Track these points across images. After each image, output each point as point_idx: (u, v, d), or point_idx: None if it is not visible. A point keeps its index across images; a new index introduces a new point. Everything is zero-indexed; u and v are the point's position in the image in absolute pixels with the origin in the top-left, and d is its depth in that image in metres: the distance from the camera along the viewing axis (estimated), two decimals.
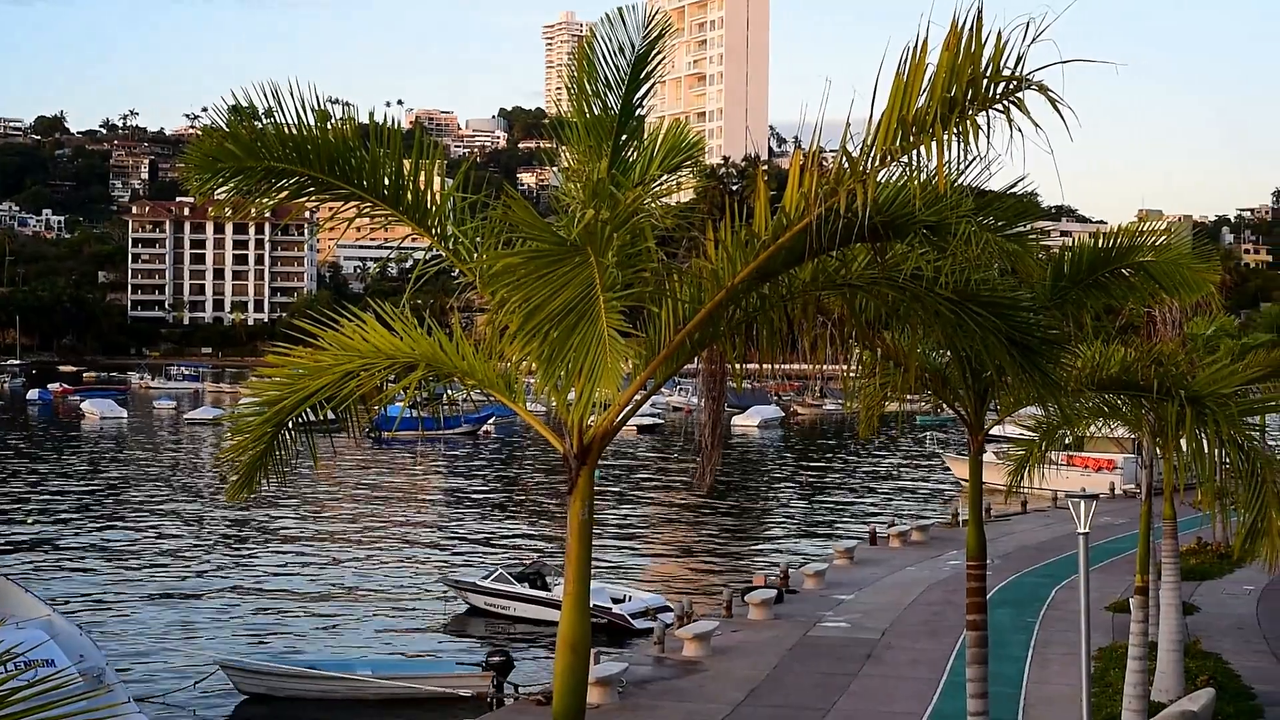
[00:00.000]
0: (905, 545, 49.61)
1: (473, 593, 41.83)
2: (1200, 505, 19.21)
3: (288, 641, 38.46)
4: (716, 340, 12.54)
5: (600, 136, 12.55)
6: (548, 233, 10.78)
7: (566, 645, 11.45)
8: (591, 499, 11.56)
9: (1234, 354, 30.46)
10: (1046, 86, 10.28)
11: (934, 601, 38.52)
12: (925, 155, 10.65)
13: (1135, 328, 31.65)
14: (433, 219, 12.38)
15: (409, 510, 68.27)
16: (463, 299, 12.71)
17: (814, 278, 12.47)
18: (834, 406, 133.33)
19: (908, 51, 10.43)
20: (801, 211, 11.10)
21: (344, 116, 12.14)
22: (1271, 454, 17.75)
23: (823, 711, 27.26)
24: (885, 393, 19.05)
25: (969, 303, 12.62)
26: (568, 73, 13.09)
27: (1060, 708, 26.61)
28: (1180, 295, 19.97)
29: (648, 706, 27.64)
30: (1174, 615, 27.32)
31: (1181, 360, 20.14)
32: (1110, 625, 33.85)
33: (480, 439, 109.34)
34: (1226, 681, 28.04)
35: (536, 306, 10.64)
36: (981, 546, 17.95)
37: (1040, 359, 13.69)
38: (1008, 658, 30.46)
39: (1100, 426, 23.17)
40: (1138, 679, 22.70)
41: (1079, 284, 17.70)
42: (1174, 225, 22.36)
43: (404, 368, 12.27)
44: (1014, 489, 22.76)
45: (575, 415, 11.29)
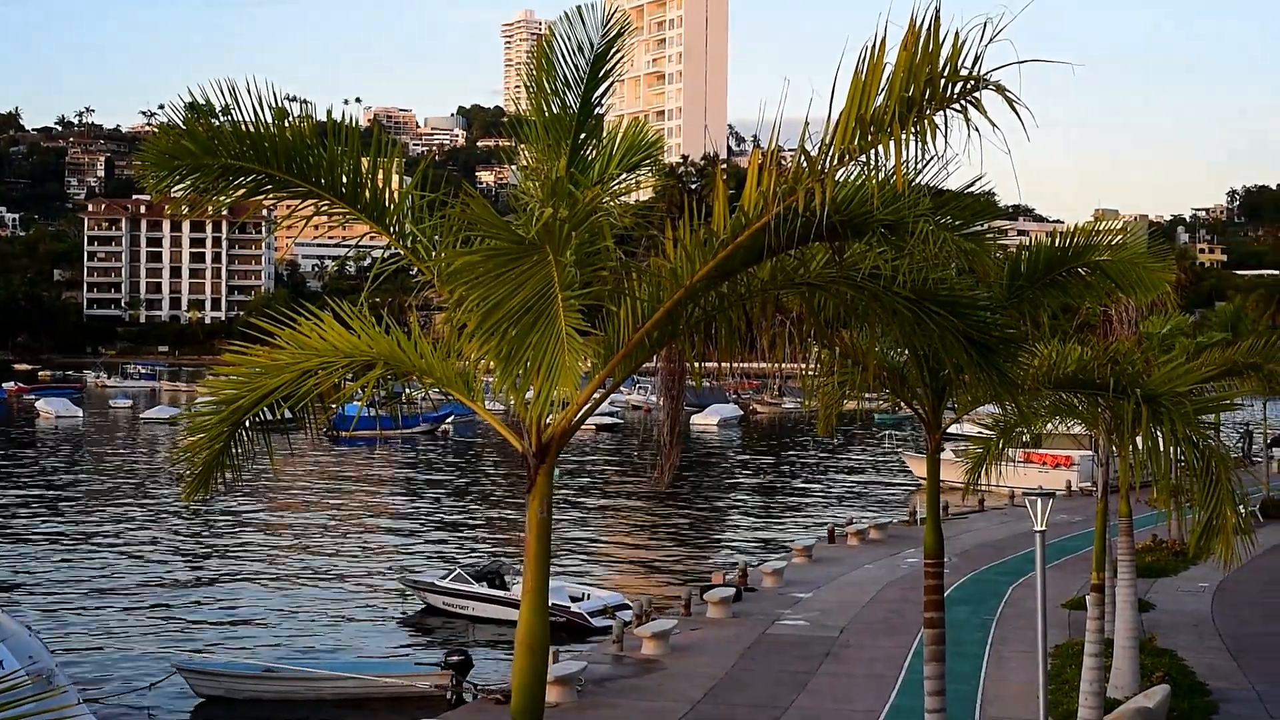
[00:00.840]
0: (864, 543, 49.74)
1: (431, 592, 41.73)
2: (1156, 503, 19.33)
3: (245, 643, 38.25)
4: (675, 339, 12.54)
5: (559, 135, 12.54)
6: (506, 231, 10.76)
7: (525, 644, 11.42)
8: (550, 498, 11.54)
9: (1189, 353, 30.62)
10: (1004, 86, 10.32)
11: (892, 599, 38.64)
12: (883, 154, 10.67)
13: (1092, 327, 31.76)
14: (391, 217, 12.33)
15: (367, 510, 68.03)
16: (421, 297, 12.66)
17: (772, 276, 12.48)
18: (793, 405, 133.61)
19: (866, 51, 10.45)
20: (760, 210, 11.11)
21: (302, 114, 12.08)
22: (1226, 452, 17.87)
23: (781, 709, 27.31)
24: (844, 391, 19.09)
25: (927, 301, 12.66)
26: (527, 71, 13.09)
27: (1017, 705, 26.73)
28: (1136, 294, 20.05)
29: (607, 705, 27.64)
30: (1130, 612, 27.48)
31: (1137, 359, 20.27)
32: (1067, 622, 34.03)
33: (439, 438, 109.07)
34: (1181, 678, 28.23)
35: (495, 305, 10.61)
36: (939, 545, 18.03)
37: (997, 357, 13.74)
38: (965, 655, 30.58)
39: (1057, 424, 23.28)
40: (1094, 676, 22.83)
41: (1036, 283, 17.77)
42: (1130, 225, 22.51)
43: (362, 366, 12.22)
44: (971, 487, 22.85)
45: (533, 414, 11.27)
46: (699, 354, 13.01)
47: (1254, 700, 27.82)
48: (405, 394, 13.23)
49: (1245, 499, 17.60)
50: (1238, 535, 16.87)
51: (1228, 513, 16.75)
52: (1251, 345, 30.52)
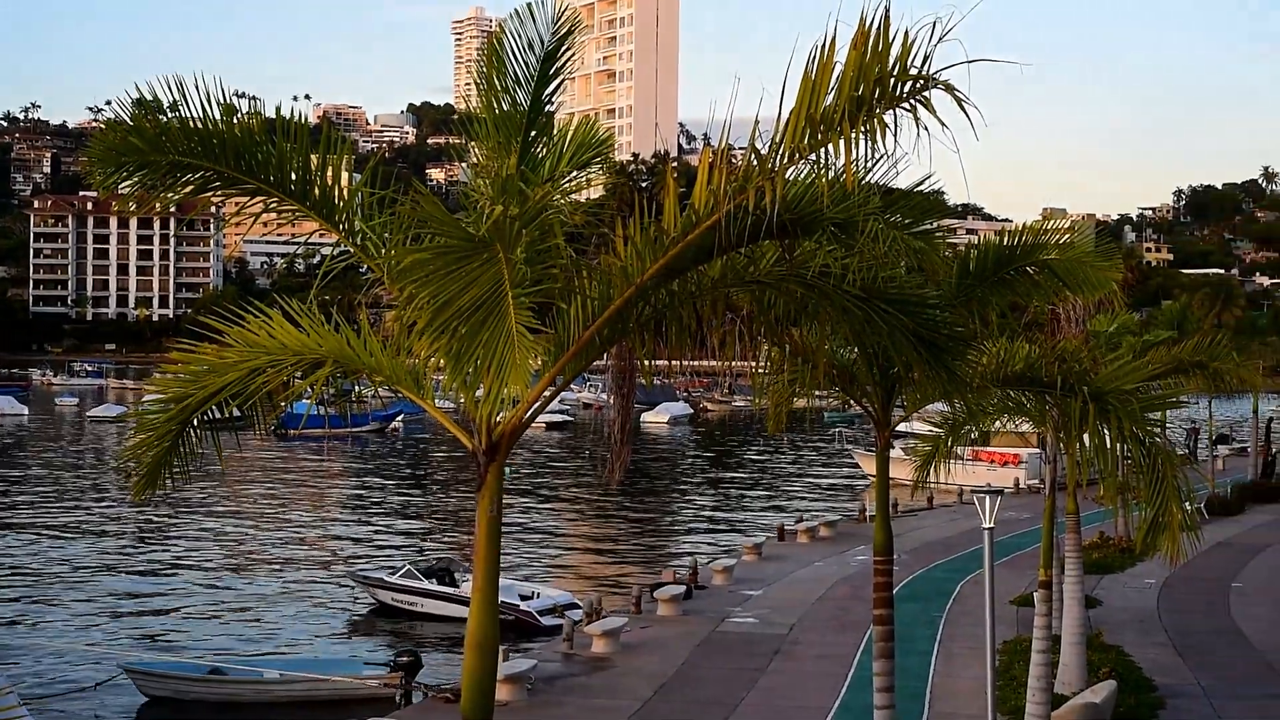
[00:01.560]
0: (813, 541, 49.88)
1: (380, 589, 41.59)
2: (1103, 500, 19.47)
3: (193, 643, 38.02)
4: (625, 337, 12.54)
5: (509, 133, 12.52)
6: (456, 228, 10.73)
7: (475, 643, 11.40)
8: (500, 496, 11.52)
9: (1136, 351, 30.83)
10: (953, 85, 10.37)
11: (841, 597, 38.77)
12: (833, 153, 10.70)
13: (1040, 325, 31.93)
14: (340, 214, 12.28)
15: (316, 508, 67.77)
16: (371, 295, 12.62)
17: (723, 274, 12.50)
18: (743, 403, 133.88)
19: (816, 50, 10.47)
20: (710, 208, 11.12)
21: (251, 111, 12.01)
22: (1172, 449, 18.00)
23: (731, 707, 27.36)
24: (794, 389, 19.13)
25: (876, 300, 12.71)
26: (477, 68, 13.06)
27: (965, 701, 26.87)
28: (1083, 293, 20.20)
29: (556, 703, 27.62)
30: (1077, 609, 27.66)
31: (1085, 357, 20.38)
32: (1015, 619, 34.22)
33: (388, 436, 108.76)
34: (1128, 673, 28.43)
35: (445, 302, 10.58)
36: (888, 542, 18.10)
37: (946, 355, 13.80)
38: (914, 652, 30.71)
39: (1005, 422, 23.40)
40: (1041, 672, 22.95)
41: (985, 281, 17.86)
42: (1077, 224, 22.61)
43: (311, 364, 12.16)
44: (920, 484, 22.95)
45: (483, 412, 11.25)
46: (649, 352, 13.01)
47: (1200, 695, 28.06)
48: (355, 392, 13.17)
49: (1191, 496, 17.73)
50: (1183, 532, 17.00)
51: (1174, 509, 16.88)
52: (1197, 343, 30.86)
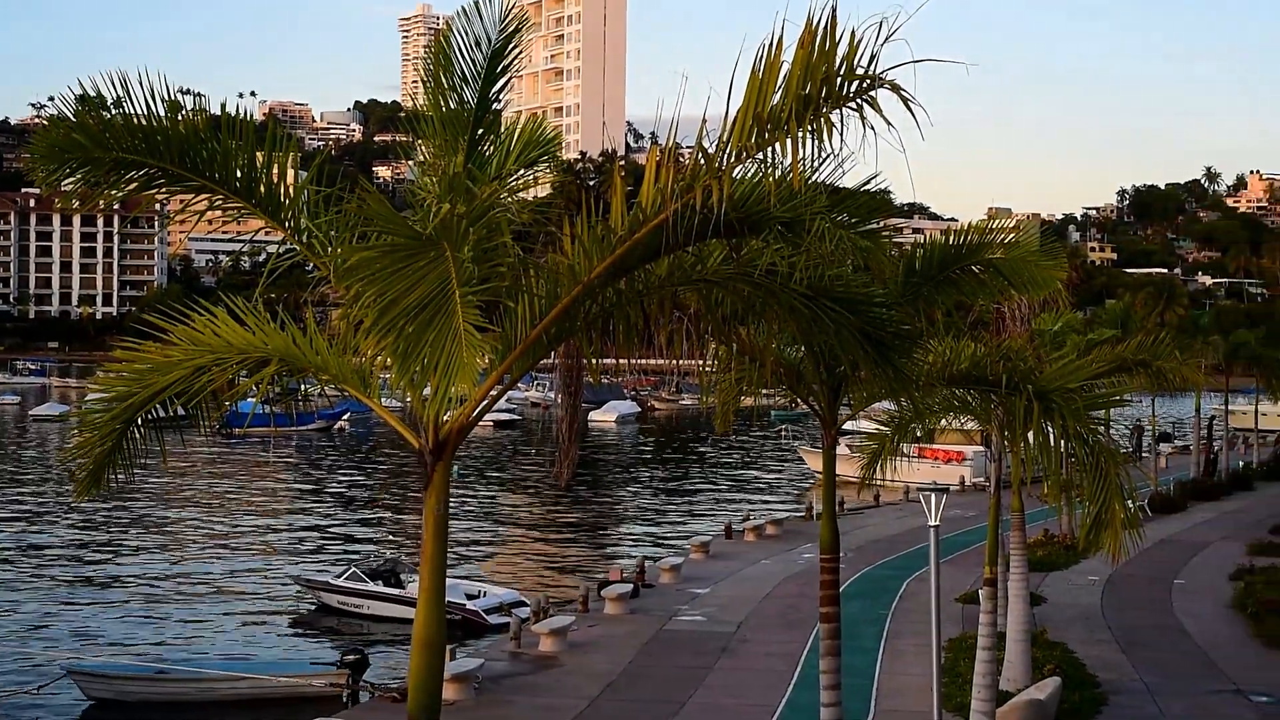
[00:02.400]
0: (760, 539, 50.01)
1: (325, 591, 41.42)
2: (1047, 498, 19.57)
3: (137, 644, 37.73)
4: (573, 335, 12.54)
5: (456, 131, 12.50)
6: (403, 227, 10.70)
7: (422, 642, 11.38)
8: (447, 495, 11.50)
9: (1080, 349, 31.06)
10: (899, 85, 10.41)
11: (788, 594, 38.87)
12: (780, 152, 10.73)
13: (985, 324, 32.12)
14: (286, 212, 12.23)
15: (261, 508, 67.37)
16: (317, 293, 12.56)
17: (670, 273, 12.51)
18: (690, 401, 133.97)
19: (763, 49, 10.50)
20: (658, 207, 11.13)
21: (195, 108, 11.94)
22: (1115, 448, 18.15)
23: (678, 705, 27.39)
24: (741, 388, 19.18)
25: (823, 298, 12.74)
26: (424, 66, 13.03)
27: (912, 698, 26.98)
28: (1028, 292, 20.35)
29: (504, 702, 27.58)
30: (1022, 606, 27.84)
31: (1029, 355, 20.49)
32: (960, 616, 34.39)
33: (335, 435, 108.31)
34: (1072, 670, 28.62)
35: (392, 301, 10.55)
36: (835, 540, 18.15)
37: (893, 354, 13.86)
38: (860, 649, 30.83)
39: (951, 421, 23.52)
40: (987, 669, 23.08)
41: (931, 280, 17.96)
42: (1023, 223, 22.79)
43: (257, 363, 12.11)
44: (867, 482, 23.02)
45: (431, 411, 11.22)
46: (597, 350, 13.01)
47: (1143, 692, 28.29)
48: (301, 391, 13.10)
49: (1134, 493, 17.88)
50: (1126, 529, 17.12)
51: (1116, 507, 16.99)
52: (1140, 342, 31.14)
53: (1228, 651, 32.23)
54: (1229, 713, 27.00)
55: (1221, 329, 75.60)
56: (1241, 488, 66.21)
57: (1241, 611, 35.90)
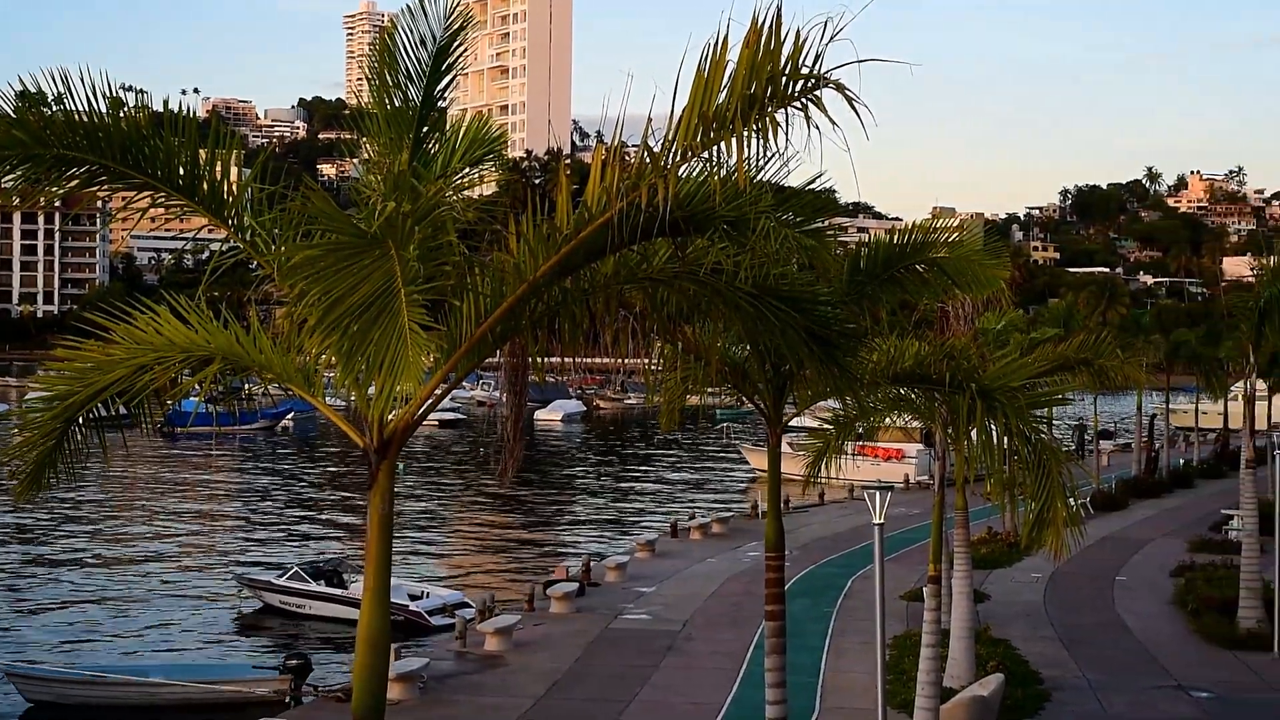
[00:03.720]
0: (706, 537, 50.08)
1: (268, 591, 41.20)
2: (990, 496, 19.67)
3: (77, 646, 37.41)
4: (518, 334, 12.52)
5: (401, 128, 12.46)
6: (348, 225, 10.66)
7: (366, 642, 11.33)
8: (392, 494, 11.45)
9: (1023, 348, 31.23)
10: (843, 85, 10.45)
11: (734, 593, 38.94)
12: (726, 151, 10.75)
13: (929, 322, 32.30)
14: (229, 210, 12.15)
15: (203, 508, 66.96)
16: (261, 292, 12.48)
17: (616, 272, 12.51)
18: (636, 400, 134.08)
19: (709, 48, 10.51)
20: (603, 206, 11.13)
21: (138, 104, 11.84)
22: (1057, 446, 18.26)
23: (624, 703, 27.39)
24: (686, 386, 19.19)
25: (768, 297, 12.76)
26: (369, 64, 12.97)
27: (856, 695, 27.10)
28: (972, 291, 20.46)
29: (449, 701, 27.52)
30: (965, 603, 28.00)
31: (973, 354, 20.58)
32: (905, 614, 34.56)
33: (278, 434, 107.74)
34: (1015, 666, 28.81)
35: (337, 300, 10.50)
36: (780, 538, 18.19)
37: (838, 352, 13.90)
38: (806, 647, 30.92)
39: (895, 419, 23.63)
40: (931, 666, 23.19)
41: (875, 279, 18.03)
42: (966, 223, 22.94)
43: (199, 361, 12.02)
44: (812, 480, 23.07)
45: (375, 410, 11.17)
46: (542, 349, 12.99)
47: (1085, 688, 28.50)
48: (244, 390, 13.03)
49: (1076, 491, 17.99)
50: (1068, 527, 17.24)
51: (1059, 505, 17.10)
52: (1082, 341, 31.36)
53: (1169, 648, 32.51)
54: (1170, 708, 27.24)
55: (1162, 328, 76.26)
56: (1182, 485, 66.79)
57: (1182, 608, 36.22)
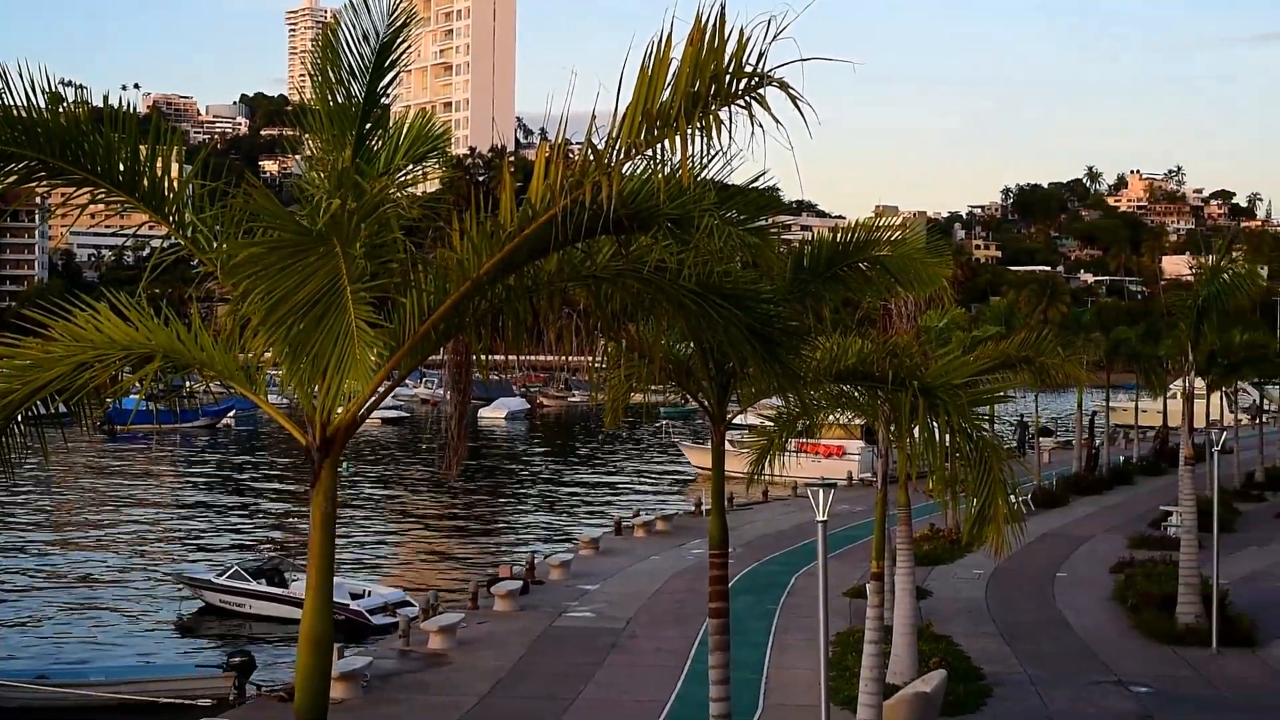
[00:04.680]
0: (650, 535, 50.12)
1: (208, 590, 40.95)
2: (933, 493, 19.77)
3: (14, 648, 37.04)
4: (462, 331, 12.49)
5: (344, 125, 12.40)
6: (291, 222, 10.61)
7: (309, 641, 11.27)
8: (335, 492, 11.41)
9: (965, 346, 31.47)
10: (787, 83, 10.47)
11: (678, 590, 38.99)
12: (669, 149, 10.76)
13: (872, 320, 32.44)
14: (170, 206, 12.06)
15: (143, 506, 66.42)
16: (203, 289, 12.40)
17: (560, 269, 12.51)
18: (579, 398, 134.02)
19: (653, 46, 10.52)
20: (547, 203, 11.12)
21: (77, 100, 11.74)
22: (999, 443, 18.38)
23: (568, 701, 27.38)
24: (630, 384, 19.19)
25: (712, 295, 12.78)
26: (311, 60, 12.91)
27: (800, 691, 27.19)
28: (915, 289, 20.58)
29: (392, 700, 27.44)
30: (908, 600, 28.13)
31: (915, 352, 20.70)
32: (848, 610, 34.68)
33: (220, 432, 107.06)
34: (957, 662, 28.98)
35: (281, 298, 10.46)
36: (723, 535, 18.23)
37: (781, 350, 13.92)
38: (749, 644, 31.01)
39: (838, 417, 23.70)
40: (874, 662, 23.28)
41: (818, 277, 18.09)
42: (909, 221, 23.01)
43: (140, 359, 11.93)
44: (754, 477, 23.12)
45: (319, 408, 11.12)
46: (486, 346, 12.98)
47: (1025, 683, 28.71)
48: (185, 387, 12.93)
49: (1017, 488, 18.13)
50: (1009, 524, 17.35)
51: (1000, 502, 17.21)
52: (1024, 339, 31.53)
53: (1109, 643, 32.79)
54: (1109, 703, 27.47)
55: (1102, 326, 76.82)
56: (1122, 482, 67.31)
57: (1122, 604, 36.53)
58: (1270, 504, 59.87)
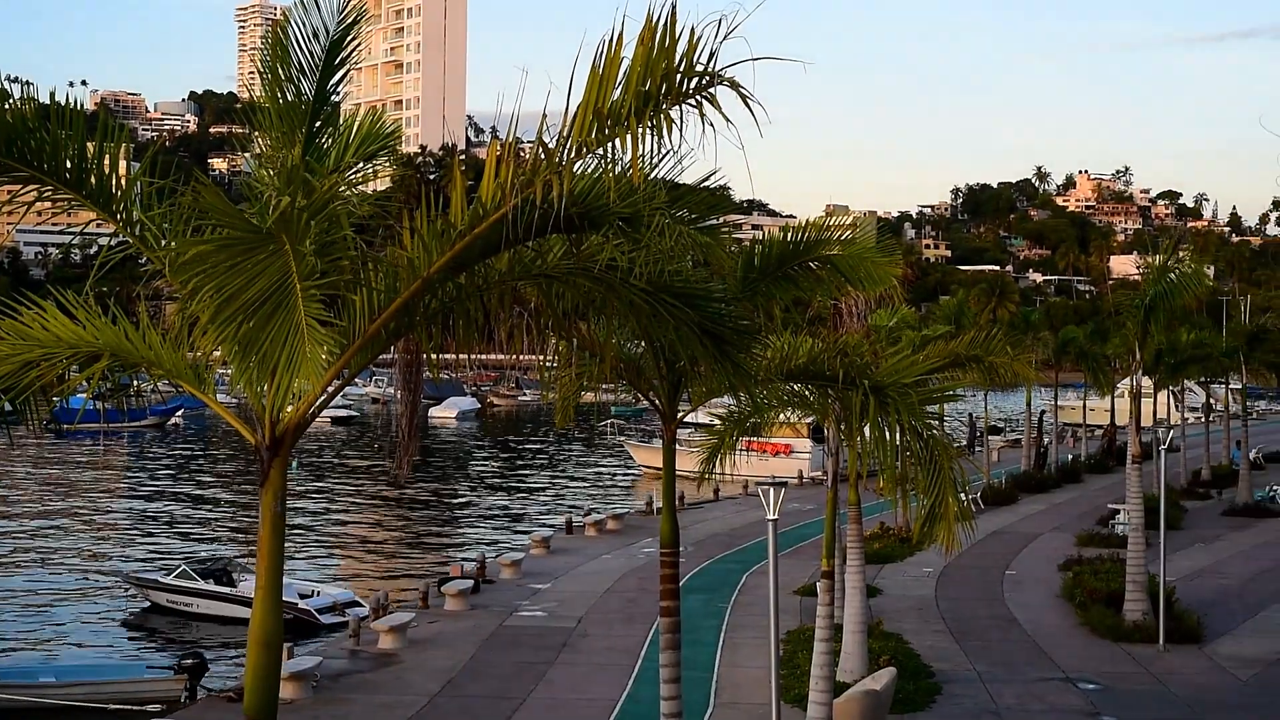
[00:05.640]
0: (601, 534, 50.10)
1: (155, 590, 40.69)
2: (883, 491, 19.84)
3: None
4: (413, 330, 12.47)
5: (294, 123, 12.34)
6: (241, 220, 10.56)
7: (258, 640, 11.23)
8: (284, 491, 11.36)
9: (915, 345, 31.56)
10: (738, 82, 10.50)
11: (629, 589, 39.00)
12: (621, 148, 10.77)
13: (823, 319, 32.54)
14: (118, 204, 11.98)
15: (92, 506, 65.91)
16: (151, 287, 12.33)
17: (510, 268, 12.50)
18: (530, 397, 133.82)
19: (604, 45, 10.53)
20: (498, 202, 11.11)
21: (24, 96, 11.64)
22: (949, 441, 18.46)
23: (519, 700, 27.35)
24: (581, 383, 19.18)
25: (663, 294, 12.79)
26: (261, 57, 12.83)
27: (751, 690, 27.25)
28: (865, 288, 20.62)
29: (342, 700, 27.34)
30: (858, 598, 28.23)
31: (865, 351, 20.77)
32: (798, 609, 34.78)
33: (169, 431, 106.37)
34: (907, 660, 29.11)
35: (230, 296, 10.41)
36: (674, 534, 18.24)
37: (732, 349, 13.94)
38: (700, 643, 31.05)
39: (789, 415, 23.74)
40: (824, 660, 23.35)
41: (769, 276, 18.13)
42: (859, 220, 23.07)
43: (87, 358, 11.86)
44: (705, 476, 23.13)
45: (268, 406, 11.08)
46: (436, 345, 12.95)
47: (975, 680, 28.86)
48: (134, 386, 12.85)
49: (967, 486, 18.21)
50: (959, 522, 17.44)
51: (950, 500, 17.29)
52: (973, 338, 31.69)
53: (1056, 640, 32.98)
54: (1057, 700, 27.64)
55: (1051, 325, 77.32)
56: (1071, 480, 67.65)
57: (1070, 601, 36.75)
58: (1216, 502, 60.38)
